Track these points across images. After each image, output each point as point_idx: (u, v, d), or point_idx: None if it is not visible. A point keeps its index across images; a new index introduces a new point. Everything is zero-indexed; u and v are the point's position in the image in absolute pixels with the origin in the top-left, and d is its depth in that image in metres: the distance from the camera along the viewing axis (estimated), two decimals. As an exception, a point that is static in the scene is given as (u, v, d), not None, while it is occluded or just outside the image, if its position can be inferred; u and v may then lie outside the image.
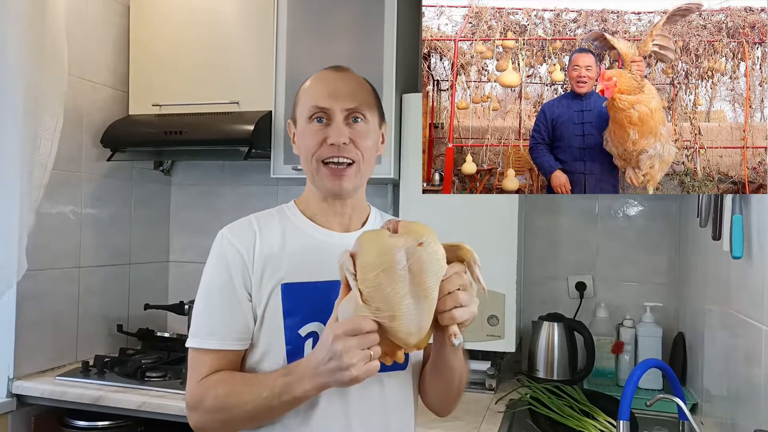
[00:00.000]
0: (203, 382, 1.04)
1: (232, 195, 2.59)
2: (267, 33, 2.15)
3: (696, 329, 1.85)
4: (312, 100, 1.08)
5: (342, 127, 1.07)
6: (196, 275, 1.11)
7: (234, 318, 1.06)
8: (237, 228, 1.11)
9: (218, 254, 1.08)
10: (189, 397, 1.05)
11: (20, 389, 1.90)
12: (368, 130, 1.10)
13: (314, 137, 1.07)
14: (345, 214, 1.14)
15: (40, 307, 2.01)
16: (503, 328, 1.90)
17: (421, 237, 0.92)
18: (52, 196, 2.03)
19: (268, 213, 1.16)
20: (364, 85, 1.14)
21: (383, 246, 0.91)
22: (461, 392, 1.18)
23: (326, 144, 1.06)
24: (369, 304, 0.89)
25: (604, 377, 2.04)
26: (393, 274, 0.89)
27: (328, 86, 1.09)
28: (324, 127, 1.07)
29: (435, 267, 0.91)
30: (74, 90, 2.11)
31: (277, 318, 1.05)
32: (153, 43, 2.32)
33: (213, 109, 2.22)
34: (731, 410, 1.47)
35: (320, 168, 1.08)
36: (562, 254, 2.27)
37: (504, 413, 1.74)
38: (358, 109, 1.08)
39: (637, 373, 1.30)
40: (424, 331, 0.92)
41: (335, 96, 1.07)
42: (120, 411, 1.85)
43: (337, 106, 1.07)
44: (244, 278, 1.06)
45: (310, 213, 1.14)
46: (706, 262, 1.74)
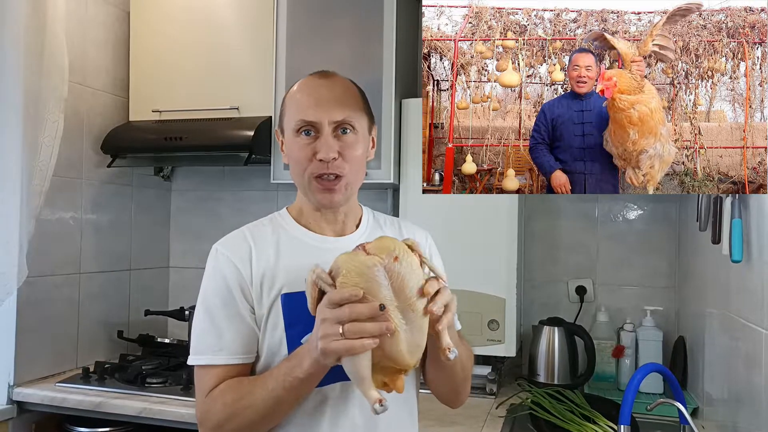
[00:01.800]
0: (211, 395, 1.03)
1: (232, 200, 2.59)
2: (267, 38, 2.16)
3: (696, 333, 1.85)
4: (299, 113, 1.07)
5: (330, 141, 1.05)
6: (197, 281, 1.11)
7: (240, 332, 1.05)
8: (231, 241, 1.10)
9: (214, 269, 1.07)
10: (199, 413, 1.05)
11: (21, 396, 1.90)
12: (357, 140, 1.08)
13: (302, 151, 1.06)
14: (338, 221, 1.14)
15: (40, 313, 2.01)
16: (503, 332, 1.90)
17: (394, 251, 0.90)
18: (53, 202, 2.03)
19: (260, 223, 1.14)
20: (351, 90, 1.12)
21: (361, 265, 0.89)
22: (468, 378, 1.18)
23: (315, 159, 1.05)
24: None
25: (604, 381, 2.04)
26: (378, 294, 0.88)
27: (314, 97, 1.07)
28: (312, 141, 1.06)
29: (415, 278, 0.90)
30: (74, 96, 2.11)
31: (279, 329, 1.05)
32: (153, 49, 2.33)
33: (213, 115, 2.22)
34: (732, 414, 1.47)
35: (312, 183, 1.07)
36: (562, 258, 2.27)
37: (505, 418, 1.74)
38: (347, 120, 1.06)
39: (637, 378, 1.30)
40: (421, 347, 0.91)
41: (322, 107, 1.05)
42: (120, 417, 1.84)
43: (325, 119, 1.05)
44: (244, 292, 1.06)
45: (303, 221, 1.14)
46: (705, 266, 1.74)
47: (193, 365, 1.07)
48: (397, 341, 0.88)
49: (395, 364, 0.90)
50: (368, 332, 0.86)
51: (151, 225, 2.56)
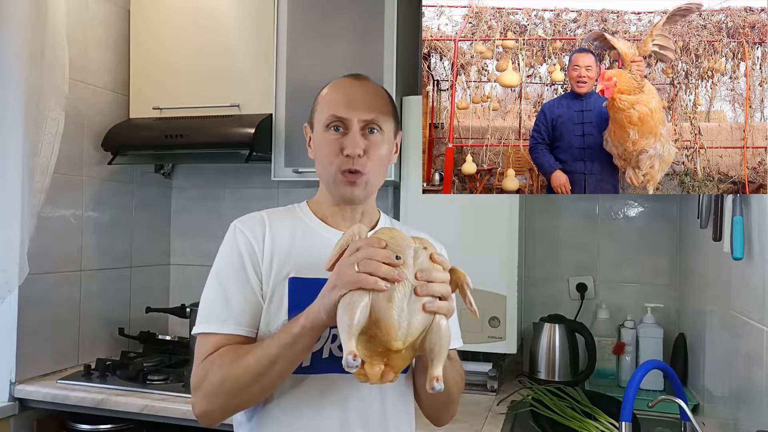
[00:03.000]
0: (208, 359, 1.04)
1: (232, 198, 2.60)
2: (267, 36, 2.16)
3: (697, 330, 1.85)
4: (330, 109, 1.10)
5: (358, 138, 1.09)
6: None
7: (248, 303, 1.07)
8: (248, 220, 1.14)
9: (230, 243, 1.11)
10: (193, 377, 1.05)
11: (22, 393, 1.90)
12: (383, 141, 1.12)
13: (330, 146, 1.10)
14: (355, 219, 1.16)
15: (41, 310, 2.01)
16: (504, 329, 1.90)
17: (425, 244, 0.97)
18: (54, 200, 2.03)
19: (279, 210, 1.19)
20: (382, 95, 1.16)
21: (399, 237, 0.95)
22: (453, 401, 1.18)
23: (342, 155, 1.09)
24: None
25: (605, 378, 2.04)
26: (401, 267, 0.92)
27: (346, 95, 1.11)
28: (340, 137, 1.10)
29: (433, 273, 0.94)
30: (75, 94, 2.11)
31: (282, 311, 1.06)
32: (153, 47, 2.33)
33: (214, 113, 2.22)
34: (733, 411, 1.47)
35: (337, 176, 1.10)
36: (563, 256, 2.27)
37: (506, 415, 1.74)
38: (375, 121, 1.10)
39: (638, 375, 1.30)
40: (410, 334, 0.90)
41: (353, 106, 1.09)
42: (122, 414, 1.85)
43: (355, 117, 1.09)
44: (254, 266, 1.08)
45: (321, 214, 1.17)
46: (706, 263, 1.74)
47: (196, 334, 1.08)
48: (391, 306, 0.89)
49: (382, 335, 0.90)
50: (381, 272, 0.89)
51: (151, 222, 2.57)
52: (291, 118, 2.10)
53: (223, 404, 1.02)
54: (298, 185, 2.35)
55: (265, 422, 1.08)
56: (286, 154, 2.11)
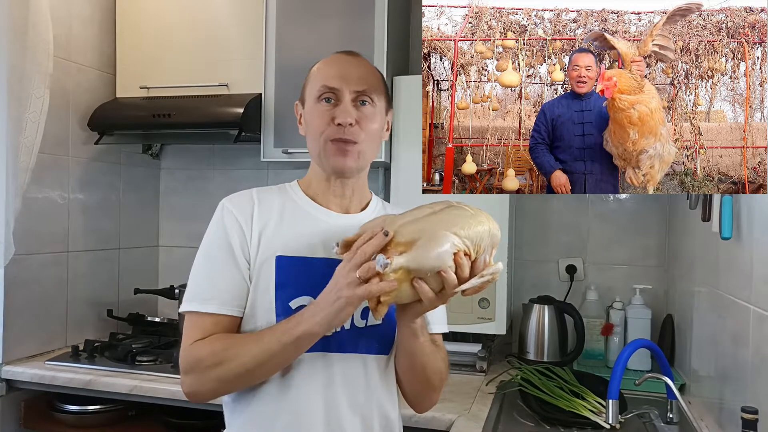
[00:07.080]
0: (198, 343, 1.03)
1: (221, 179, 2.58)
2: (257, 15, 2.12)
3: (685, 311, 1.87)
4: (322, 80, 1.10)
5: (349, 107, 1.08)
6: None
7: (234, 283, 1.06)
8: (237, 198, 1.13)
9: (218, 222, 1.10)
10: (183, 360, 1.05)
11: (10, 374, 1.89)
12: (375, 113, 1.11)
13: (322, 117, 1.09)
14: (345, 196, 1.15)
15: (28, 291, 2.00)
16: (494, 310, 1.91)
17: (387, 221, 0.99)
18: (40, 179, 2.01)
19: (269, 188, 1.18)
20: (374, 71, 1.16)
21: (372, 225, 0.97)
22: (432, 387, 1.16)
23: (333, 124, 1.08)
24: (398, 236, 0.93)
25: (593, 359, 2.06)
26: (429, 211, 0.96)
27: (339, 68, 1.11)
28: (332, 108, 1.09)
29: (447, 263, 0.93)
30: (60, 72, 2.07)
31: (270, 289, 1.06)
32: (140, 24, 2.29)
33: (202, 92, 2.19)
34: (718, 389, 1.49)
35: (327, 146, 1.09)
36: (553, 237, 2.28)
37: (495, 394, 1.75)
38: (367, 93, 1.10)
39: (626, 353, 1.32)
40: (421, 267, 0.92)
41: (345, 78, 1.09)
42: (110, 395, 1.84)
43: (346, 88, 1.09)
44: (242, 246, 1.07)
45: (311, 193, 1.16)
46: (695, 244, 1.75)
47: (183, 312, 1.08)
48: (417, 249, 0.91)
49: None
50: (375, 270, 0.90)
51: (140, 203, 2.54)
52: (280, 98, 2.07)
53: (214, 388, 1.04)
54: (288, 166, 2.33)
55: (253, 398, 1.08)
56: (276, 135, 2.08)
